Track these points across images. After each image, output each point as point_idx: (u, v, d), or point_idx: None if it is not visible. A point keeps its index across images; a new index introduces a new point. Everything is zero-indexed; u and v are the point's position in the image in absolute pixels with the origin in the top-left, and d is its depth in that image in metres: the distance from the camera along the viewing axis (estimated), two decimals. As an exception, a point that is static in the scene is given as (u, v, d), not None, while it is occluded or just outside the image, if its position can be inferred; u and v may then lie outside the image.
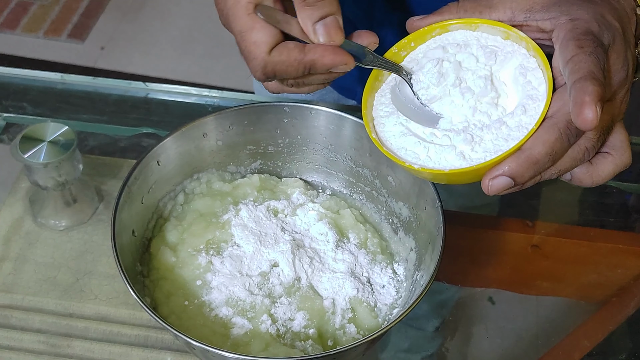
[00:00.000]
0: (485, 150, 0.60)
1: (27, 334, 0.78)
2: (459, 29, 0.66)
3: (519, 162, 0.57)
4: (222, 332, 0.70)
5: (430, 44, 0.67)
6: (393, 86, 0.67)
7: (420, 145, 0.63)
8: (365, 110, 0.67)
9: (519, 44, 0.64)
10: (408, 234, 0.78)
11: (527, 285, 0.87)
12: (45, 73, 1.02)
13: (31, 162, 0.80)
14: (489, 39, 0.65)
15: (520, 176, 0.57)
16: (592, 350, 0.80)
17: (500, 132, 0.60)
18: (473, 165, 0.59)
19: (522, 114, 0.60)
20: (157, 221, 0.79)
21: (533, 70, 0.62)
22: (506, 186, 0.58)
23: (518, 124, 0.60)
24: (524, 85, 0.62)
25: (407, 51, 0.68)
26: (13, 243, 0.85)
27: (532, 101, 0.60)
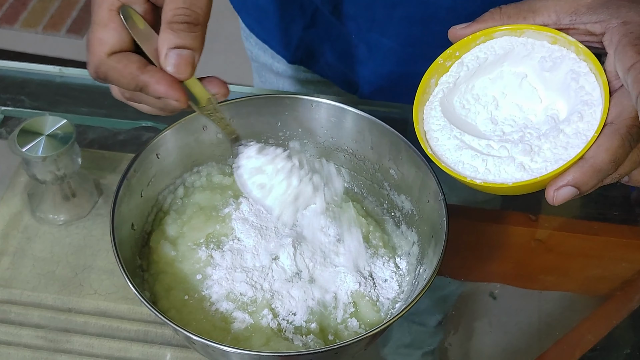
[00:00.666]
0: (545, 159, 0.59)
1: (25, 329, 0.77)
2: (504, 35, 0.64)
3: (583, 172, 0.56)
4: (223, 326, 0.69)
5: (476, 52, 0.66)
6: (441, 98, 0.66)
7: (478, 158, 0.62)
8: (417, 125, 0.66)
9: (567, 49, 0.62)
10: (410, 227, 0.77)
11: (530, 280, 0.87)
12: (43, 66, 1.02)
13: (29, 155, 0.79)
14: (535, 44, 0.64)
15: (584, 185, 0.57)
16: (596, 344, 0.80)
17: (558, 141, 0.59)
18: (537, 177, 0.58)
19: (579, 120, 0.59)
20: (157, 215, 0.78)
21: (585, 75, 0.61)
22: (571, 195, 0.57)
23: (576, 131, 0.59)
24: (577, 90, 0.60)
25: (452, 61, 0.67)
26: (11, 237, 0.85)
27: (588, 107, 0.59)
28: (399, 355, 0.84)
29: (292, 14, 0.94)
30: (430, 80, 0.67)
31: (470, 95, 0.66)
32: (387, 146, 0.77)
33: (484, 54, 0.65)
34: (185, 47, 0.57)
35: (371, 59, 0.91)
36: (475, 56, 0.65)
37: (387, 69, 0.92)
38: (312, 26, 0.93)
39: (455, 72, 0.66)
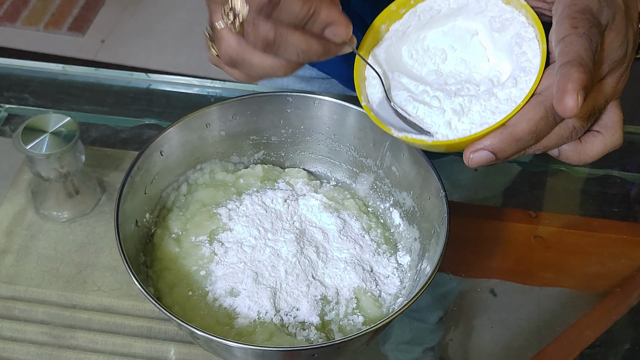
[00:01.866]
0: (471, 121, 0.59)
1: (30, 325, 0.78)
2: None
3: (502, 139, 0.56)
4: (226, 322, 0.69)
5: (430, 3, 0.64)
6: (389, 45, 0.65)
7: (410, 104, 0.61)
8: (357, 73, 0.64)
9: (519, 11, 0.61)
10: (412, 224, 0.78)
11: (530, 276, 0.87)
12: (46, 64, 1.02)
13: (33, 153, 0.80)
14: (489, 2, 0.63)
15: (501, 152, 0.57)
16: (595, 340, 0.80)
17: (488, 104, 0.59)
18: (457, 138, 0.58)
19: (513, 86, 0.58)
20: (160, 212, 0.79)
21: (529, 41, 0.60)
22: (487, 161, 0.58)
23: (507, 97, 0.58)
24: (519, 55, 0.60)
25: (407, 9, 0.65)
26: (15, 235, 0.85)
27: (525, 74, 0.58)
28: (400, 351, 0.84)
29: None
30: (381, 26, 0.65)
31: (420, 46, 0.65)
32: (388, 143, 0.77)
33: (437, 6, 0.64)
34: None
35: None
36: (429, 7, 0.64)
37: None
38: None
39: (407, 20, 0.65)
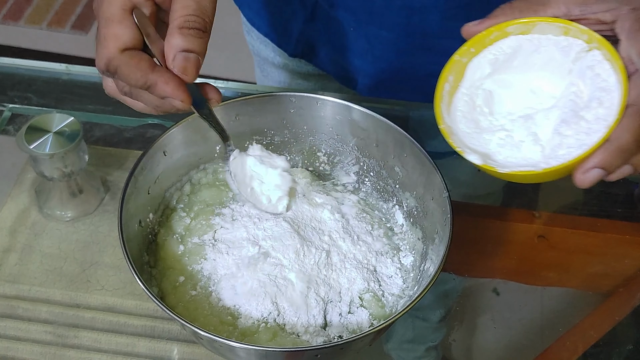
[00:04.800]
0: (569, 146, 0.61)
1: (33, 324, 0.78)
2: (516, 30, 0.66)
3: (609, 153, 0.58)
4: (230, 322, 0.70)
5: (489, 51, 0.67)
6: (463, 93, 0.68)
7: (503, 147, 0.64)
8: (441, 123, 0.67)
9: (579, 38, 0.63)
10: (415, 224, 0.78)
11: (533, 276, 0.87)
12: (50, 64, 1.02)
13: (37, 152, 0.80)
14: (541, 39, 0.65)
15: (610, 165, 0.59)
16: (598, 341, 0.80)
17: (579, 127, 0.61)
18: (560, 163, 0.60)
19: (598, 106, 0.60)
20: (164, 212, 0.79)
21: (599, 63, 0.62)
22: (599, 178, 0.59)
23: (596, 117, 0.60)
24: (593, 78, 0.62)
25: (469, 57, 0.68)
26: (19, 234, 0.85)
27: (606, 93, 0.61)
28: (403, 350, 0.84)
29: (292, 7, 0.94)
30: (448, 77, 0.67)
31: (487, 90, 0.67)
32: (391, 143, 0.77)
33: (492, 55, 0.67)
34: (192, 51, 0.59)
35: (370, 51, 0.91)
36: (492, 54, 0.67)
37: (386, 61, 0.92)
38: (312, 20, 0.93)
39: (473, 70, 0.68)
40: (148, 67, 0.59)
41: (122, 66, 0.59)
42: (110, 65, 0.59)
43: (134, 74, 0.59)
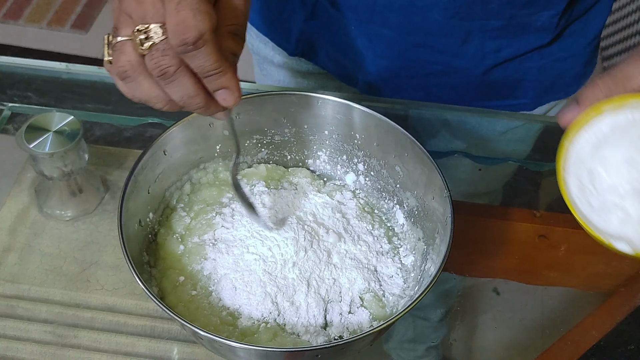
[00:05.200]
0: None
1: (33, 324, 0.78)
2: (610, 108, 0.67)
3: None
4: (230, 321, 0.69)
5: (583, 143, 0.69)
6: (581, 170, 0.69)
7: (628, 223, 0.65)
8: (572, 208, 0.68)
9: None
10: (416, 223, 0.77)
11: (534, 276, 0.87)
12: (50, 63, 1.02)
13: (37, 152, 0.79)
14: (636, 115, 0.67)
15: None
16: (600, 340, 0.80)
17: None
18: None
19: None
20: (164, 211, 0.78)
21: None
22: None
23: None
24: None
25: (570, 140, 0.69)
26: (19, 233, 0.85)
27: None
28: (403, 350, 0.84)
29: (292, 6, 0.94)
30: (562, 163, 0.69)
31: (591, 170, 0.69)
32: (392, 143, 0.77)
33: (591, 135, 0.68)
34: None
35: (371, 50, 0.91)
36: (590, 134, 0.68)
37: (387, 60, 0.92)
38: (313, 18, 0.93)
39: (575, 153, 0.69)
40: (222, 54, 0.58)
41: (210, 44, 0.57)
42: (200, 40, 0.56)
43: (215, 55, 0.57)
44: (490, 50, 0.88)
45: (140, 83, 0.59)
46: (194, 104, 0.60)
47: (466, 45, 0.87)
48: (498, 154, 0.99)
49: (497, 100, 0.97)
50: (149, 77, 0.59)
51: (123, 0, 0.58)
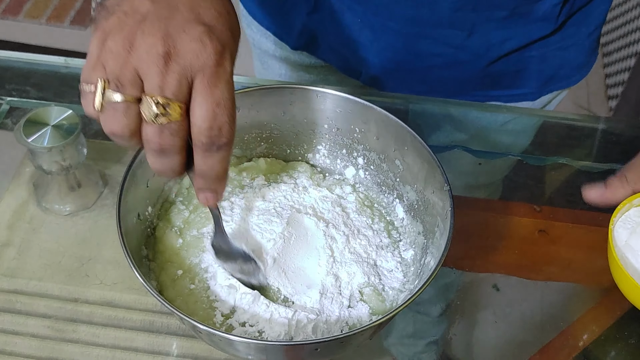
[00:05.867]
0: None
1: (32, 318, 0.77)
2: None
3: None
4: (228, 315, 0.69)
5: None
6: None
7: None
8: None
9: None
10: (416, 217, 0.77)
11: (534, 271, 0.87)
12: (49, 57, 1.02)
13: (35, 146, 0.79)
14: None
15: None
16: (600, 335, 0.80)
17: None
18: None
19: None
20: (163, 205, 0.78)
21: None
22: None
23: None
24: None
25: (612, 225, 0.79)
26: (17, 228, 0.85)
27: None
28: (403, 345, 0.84)
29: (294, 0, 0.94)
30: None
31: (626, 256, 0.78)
32: (392, 137, 0.77)
33: (625, 223, 0.80)
34: None
35: (375, 42, 0.91)
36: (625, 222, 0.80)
37: (391, 52, 0.92)
38: (315, 11, 0.93)
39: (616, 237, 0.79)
40: None
41: (230, 150, 0.56)
42: (227, 145, 0.55)
43: (228, 162, 0.57)
44: (494, 42, 0.88)
45: (127, 141, 0.55)
46: (168, 175, 0.58)
47: (471, 37, 0.87)
48: (498, 148, 0.99)
49: (500, 90, 0.97)
50: (141, 141, 0.55)
51: (141, 58, 0.52)
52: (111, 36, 0.53)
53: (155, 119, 0.53)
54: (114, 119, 0.53)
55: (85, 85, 0.54)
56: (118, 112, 0.53)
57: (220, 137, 0.54)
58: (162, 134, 0.54)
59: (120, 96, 0.52)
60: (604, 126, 1.03)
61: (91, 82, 0.53)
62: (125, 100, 0.52)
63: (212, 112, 0.53)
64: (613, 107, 2.34)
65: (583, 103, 2.38)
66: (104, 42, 0.53)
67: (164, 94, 0.52)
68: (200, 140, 0.54)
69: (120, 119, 0.53)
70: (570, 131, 1.02)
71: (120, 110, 0.53)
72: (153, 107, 0.52)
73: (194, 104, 0.53)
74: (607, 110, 2.37)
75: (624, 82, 2.29)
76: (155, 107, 0.52)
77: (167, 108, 0.52)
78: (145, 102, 0.53)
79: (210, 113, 0.53)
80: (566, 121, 1.03)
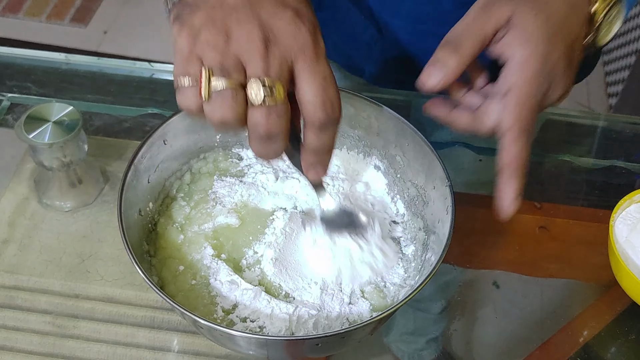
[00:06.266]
0: None
1: (33, 314, 0.77)
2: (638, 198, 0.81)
3: None
4: (230, 311, 0.69)
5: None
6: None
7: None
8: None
9: None
10: (416, 213, 0.77)
11: (534, 267, 0.87)
12: (49, 53, 1.02)
13: (36, 142, 0.79)
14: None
15: None
16: (601, 331, 0.80)
17: None
18: None
19: None
20: (164, 200, 0.78)
21: None
22: None
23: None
24: None
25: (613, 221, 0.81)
26: (18, 224, 0.85)
27: None
28: (403, 342, 0.84)
29: None
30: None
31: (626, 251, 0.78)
32: (393, 133, 0.77)
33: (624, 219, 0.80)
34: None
35: (380, 39, 0.91)
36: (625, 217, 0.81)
37: (395, 49, 0.92)
38: (319, 9, 0.93)
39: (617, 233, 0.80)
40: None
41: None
42: (338, 119, 0.57)
43: (336, 135, 0.58)
44: None
45: (234, 127, 0.56)
46: (270, 157, 0.58)
47: None
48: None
49: None
50: (246, 127, 0.56)
51: (241, 46, 0.53)
52: (204, 30, 0.53)
53: (262, 101, 0.53)
54: (223, 105, 0.54)
55: (182, 78, 0.54)
56: (227, 98, 0.53)
57: (334, 110, 0.56)
58: (270, 116, 0.54)
59: (227, 82, 0.53)
60: (605, 123, 1.03)
61: (188, 74, 0.54)
62: (233, 86, 0.53)
63: (322, 86, 0.55)
64: (613, 105, 2.34)
65: (583, 101, 2.38)
66: (196, 36, 0.54)
67: (269, 76, 0.53)
68: (316, 116, 0.55)
69: (229, 104, 0.53)
70: (571, 128, 1.02)
71: (229, 96, 0.53)
72: (260, 89, 0.53)
73: (302, 84, 0.55)
74: (607, 108, 2.37)
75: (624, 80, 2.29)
76: (263, 88, 0.53)
77: (272, 89, 0.53)
78: (251, 85, 0.53)
79: (320, 88, 0.55)
80: (567, 118, 1.03)
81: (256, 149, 0.57)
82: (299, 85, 0.55)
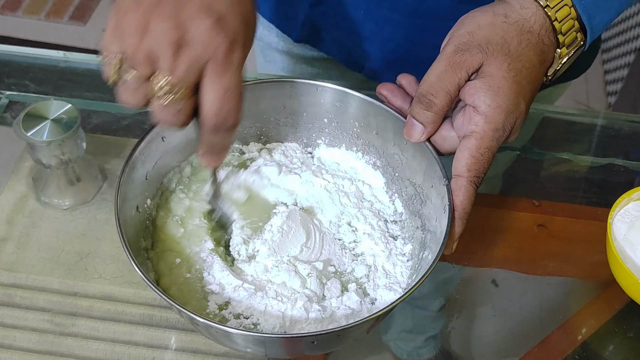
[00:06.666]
0: None
1: (31, 312, 0.77)
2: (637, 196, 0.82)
3: None
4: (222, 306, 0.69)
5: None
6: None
7: None
8: None
9: None
10: (414, 212, 0.77)
11: (533, 265, 0.87)
12: (48, 51, 1.01)
13: (34, 140, 0.79)
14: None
15: None
16: (599, 329, 0.80)
17: None
18: None
19: None
20: (162, 196, 0.78)
21: None
22: None
23: None
24: None
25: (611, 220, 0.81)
26: (16, 222, 0.85)
27: None
28: (402, 340, 0.84)
29: None
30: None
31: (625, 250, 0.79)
32: (391, 131, 0.77)
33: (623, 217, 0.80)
34: None
35: (379, 34, 0.91)
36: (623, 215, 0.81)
37: (394, 44, 0.92)
38: (319, 4, 0.93)
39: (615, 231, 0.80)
40: None
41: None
42: (233, 127, 0.60)
43: (232, 138, 0.62)
44: None
45: (137, 109, 0.60)
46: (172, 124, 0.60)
47: None
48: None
49: None
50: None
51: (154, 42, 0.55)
52: (128, 14, 0.56)
53: (164, 96, 0.56)
54: (126, 91, 0.58)
55: (105, 52, 0.58)
56: (130, 86, 0.57)
57: (227, 121, 0.58)
58: (168, 110, 0.58)
59: (133, 74, 0.56)
60: (603, 121, 1.03)
61: (109, 51, 0.57)
62: (137, 78, 0.56)
63: (220, 99, 0.57)
64: (612, 104, 2.34)
65: (582, 99, 2.38)
66: (121, 17, 0.56)
67: (173, 77, 0.56)
68: (209, 121, 0.58)
69: (131, 92, 0.58)
70: (570, 126, 1.02)
71: (132, 87, 0.57)
72: (164, 86, 0.56)
73: (203, 90, 0.57)
74: (606, 107, 2.37)
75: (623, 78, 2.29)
76: (167, 85, 0.56)
77: (174, 88, 0.56)
78: (157, 78, 0.56)
79: (218, 100, 0.57)
80: (565, 116, 1.03)
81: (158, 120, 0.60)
82: (201, 91, 0.57)
